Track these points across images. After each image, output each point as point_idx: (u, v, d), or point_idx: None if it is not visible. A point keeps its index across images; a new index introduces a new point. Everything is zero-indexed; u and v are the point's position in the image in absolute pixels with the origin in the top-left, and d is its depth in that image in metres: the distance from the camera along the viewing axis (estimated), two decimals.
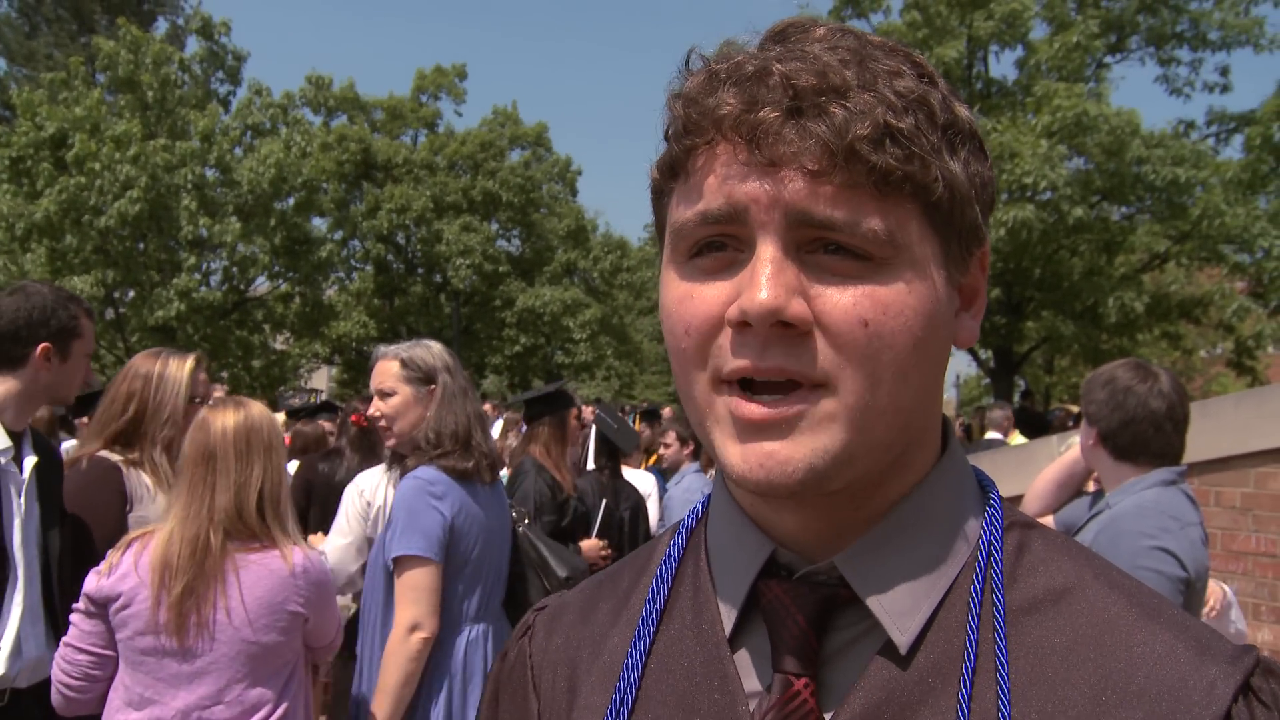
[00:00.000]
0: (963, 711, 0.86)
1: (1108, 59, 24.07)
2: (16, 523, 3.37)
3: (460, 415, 3.82)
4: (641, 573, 1.09)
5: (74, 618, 3.10)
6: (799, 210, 0.84)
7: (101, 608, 3.05)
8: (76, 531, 3.64)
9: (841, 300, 0.85)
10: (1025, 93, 22.68)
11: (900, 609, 0.91)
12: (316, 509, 6.01)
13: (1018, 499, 4.08)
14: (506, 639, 1.24)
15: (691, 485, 7.25)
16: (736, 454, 0.88)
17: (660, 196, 0.96)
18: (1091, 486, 3.75)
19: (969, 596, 0.91)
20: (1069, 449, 3.73)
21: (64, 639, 3.12)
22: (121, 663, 3.06)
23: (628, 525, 6.15)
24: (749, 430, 0.87)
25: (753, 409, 0.86)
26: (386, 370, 3.90)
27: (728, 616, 0.97)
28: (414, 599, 3.56)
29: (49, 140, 24.53)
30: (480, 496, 3.84)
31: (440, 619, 3.63)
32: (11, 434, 3.45)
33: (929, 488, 0.95)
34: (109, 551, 3.16)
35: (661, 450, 8.61)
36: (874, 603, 0.91)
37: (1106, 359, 12.87)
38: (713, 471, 5.02)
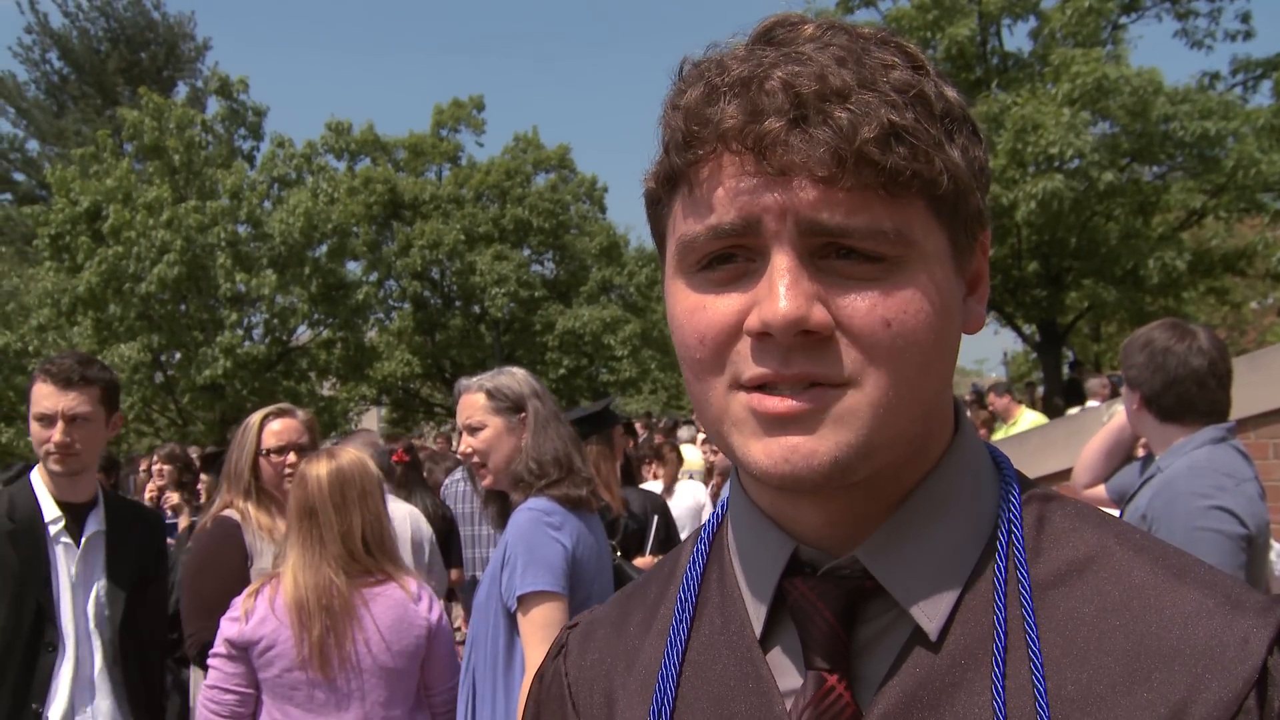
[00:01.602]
0: (998, 690, 0.86)
1: (1123, 20, 23.77)
2: (65, 595, 3.44)
3: (558, 441, 3.60)
4: (669, 581, 1.09)
5: (215, 662, 3.36)
6: (810, 219, 0.84)
7: (243, 650, 3.32)
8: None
9: (862, 304, 0.85)
10: (1042, 63, 22.43)
11: (926, 595, 0.91)
12: None
13: (1068, 472, 4.03)
14: None
15: None
16: (759, 450, 0.87)
17: (657, 205, 0.96)
18: (1141, 451, 3.70)
19: (993, 575, 0.91)
20: (1113, 416, 3.68)
21: (207, 682, 3.37)
22: (269, 699, 3.34)
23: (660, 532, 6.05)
24: (773, 424, 0.87)
25: (775, 402, 0.86)
26: (472, 404, 3.67)
27: (756, 618, 0.98)
28: (545, 638, 3.28)
29: (84, 214, 25.03)
30: (592, 525, 3.64)
31: None
32: (62, 504, 3.53)
33: (943, 471, 0.95)
34: (236, 600, 3.42)
35: (711, 458, 8.62)
36: (899, 592, 0.91)
37: (1153, 321, 12.70)
38: None
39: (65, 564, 3.48)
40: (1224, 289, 25.40)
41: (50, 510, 3.49)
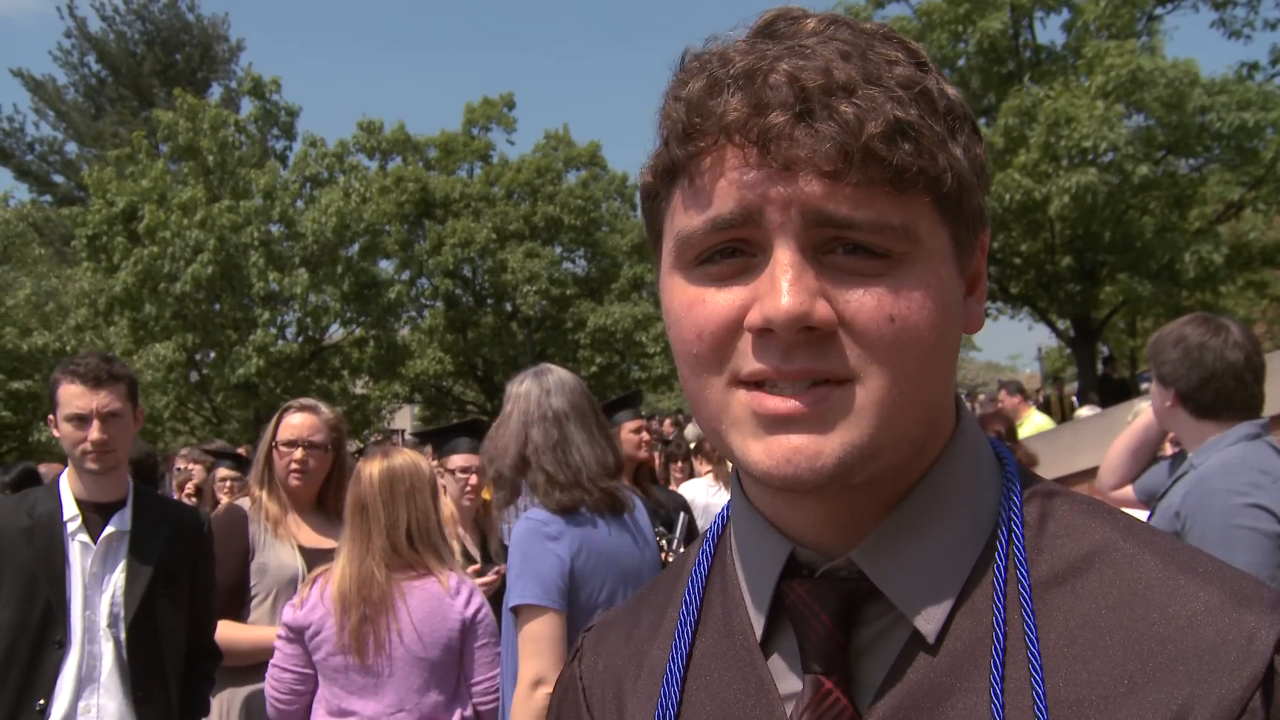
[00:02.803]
0: (996, 694, 0.84)
1: (1158, 11, 23.49)
2: (77, 593, 3.47)
3: (568, 447, 3.43)
4: (675, 584, 1.08)
5: (278, 644, 3.67)
6: (817, 211, 0.82)
7: (298, 634, 3.62)
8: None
9: (866, 299, 0.84)
10: (1076, 55, 22.21)
11: (923, 598, 0.89)
12: None
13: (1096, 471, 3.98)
14: None
15: None
16: (760, 450, 0.86)
17: (654, 199, 0.95)
18: (1168, 449, 3.65)
19: (993, 575, 0.89)
20: (1138, 415, 3.63)
21: (272, 661, 3.67)
22: (320, 678, 3.64)
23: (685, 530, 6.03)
24: (774, 424, 0.85)
25: (776, 402, 0.84)
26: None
27: (757, 621, 0.97)
28: (535, 651, 3.24)
29: (120, 215, 25.38)
30: (608, 532, 3.46)
31: None
32: (87, 503, 3.56)
33: (942, 469, 0.93)
34: (301, 587, 3.73)
35: None
36: (896, 594, 0.90)
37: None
38: None
39: (80, 562, 3.49)
40: (1263, 282, 25.06)
41: (69, 509, 3.52)
